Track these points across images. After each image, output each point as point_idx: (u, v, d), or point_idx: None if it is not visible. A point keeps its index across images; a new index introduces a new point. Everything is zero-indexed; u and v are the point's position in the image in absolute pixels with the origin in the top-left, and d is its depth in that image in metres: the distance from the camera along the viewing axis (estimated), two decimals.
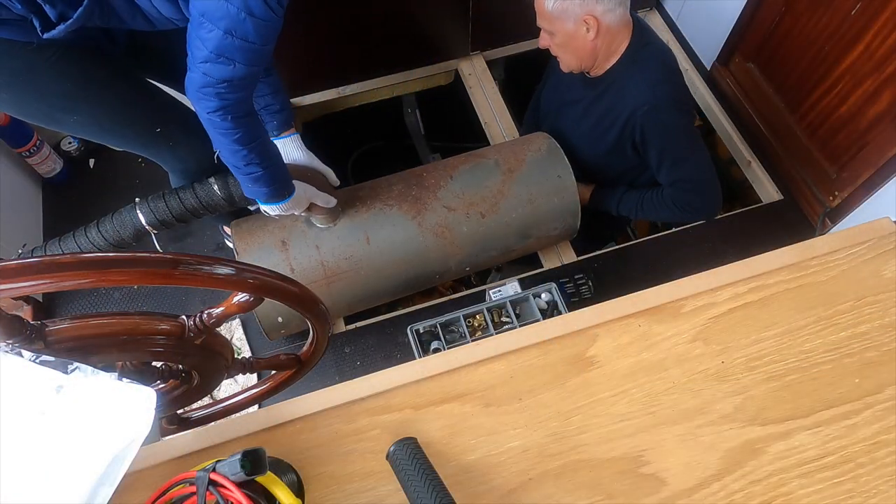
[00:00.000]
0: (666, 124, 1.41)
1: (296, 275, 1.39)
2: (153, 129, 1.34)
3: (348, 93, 2.11)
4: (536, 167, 1.51)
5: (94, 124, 1.29)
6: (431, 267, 1.48)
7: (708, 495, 0.72)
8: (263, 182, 1.20)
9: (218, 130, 1.09)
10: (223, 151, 1.15)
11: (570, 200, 1.53)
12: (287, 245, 1.39)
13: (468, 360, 0.79)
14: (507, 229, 1.49)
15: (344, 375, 1.63)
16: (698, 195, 1.51)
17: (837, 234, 0.89)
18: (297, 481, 0.70)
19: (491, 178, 1.48)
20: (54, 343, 0.53)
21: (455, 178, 1.47)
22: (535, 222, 1.52)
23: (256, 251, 1.38)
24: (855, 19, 1.51)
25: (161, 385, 0.72)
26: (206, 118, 1.07)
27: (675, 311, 0.83)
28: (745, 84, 2.00)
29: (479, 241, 1.48)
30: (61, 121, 1.27)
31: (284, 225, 1.42)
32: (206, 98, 1.04)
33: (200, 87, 1.03)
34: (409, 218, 1.42)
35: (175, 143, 1.38)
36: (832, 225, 1.79)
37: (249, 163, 1.15)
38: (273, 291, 0.60)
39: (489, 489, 0.72)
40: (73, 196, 2.03)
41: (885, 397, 0.77)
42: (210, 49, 0.97)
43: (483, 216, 1.45)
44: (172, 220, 1.30)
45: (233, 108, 1.06)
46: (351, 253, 1.41)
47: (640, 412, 0.76)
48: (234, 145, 1.11)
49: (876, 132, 1.56)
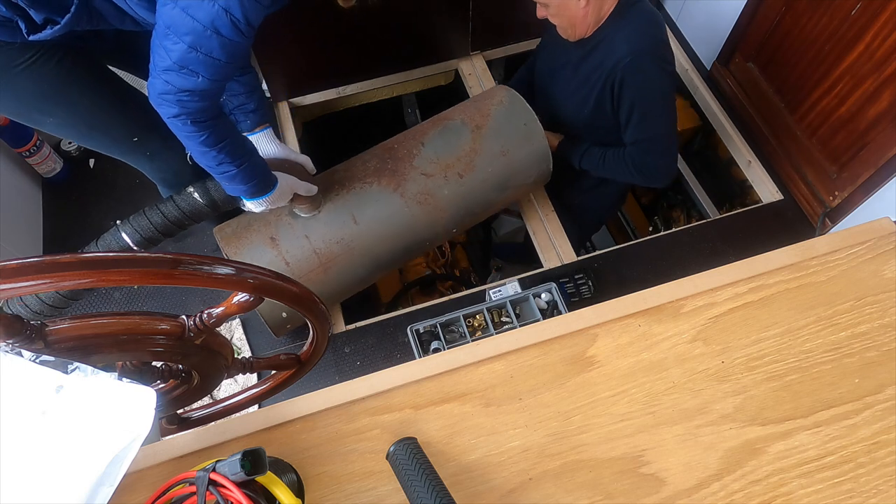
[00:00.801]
0: (644, 76, 1.43)
1: (291, 268, 1.37)
2: (130, 138, 1.34)
3: (348, 93, 2.11)
4: (503, 119, 1.53)
5: (71, 127, 1.29)
6: (421, 235, 1.49)
7: (708, 495, 0.72)
8: (241, 179, 1.18)
9: (182, 133, 1.07)
10: (193, 153, 1.13)
11: (540, 146, 1.55)
12: (276, 241, 1.38)
13: (468, 360, 0.79)
14: (485, 185, 1.51)
15: (344, 375, 1.63)
16: (655, 158, 1.54)
17: (837, 234, 0.89)
18: (297, 481, 0.70)
19: (461, 138, 1.49)
20: (54, 343, 0.53)
21: (426, 145, 1.48)
22: (511, 173, 1.54)
23: (247, 252, 1.36)
24: (855, 19, 1.51)
25: (161, 385, 0.72)
26: (168, 121, 1.06)
27: (675, 311, 0.83)
28: (745, 84, 2.00)
29: (462, 202, 1.50)
30: (39, 121, 1.26)
31: (268, 221, 1.41)
32: (166, 104, 1.02)
33: (160, 93, 1.01)
34: (391, 191, 1.43)
35: (152, 153, 1.37)
36: (832, 225, 1.79)
37: (221, 162, 1.13)
38: (273, 291, 0.60)
39: (489, 489, 0.72)
40: (73, 196, 2.03)
41: (885, 397, 0.77)
42: (174, 60, 0.96)
43: (461, 176, 1.47)
44: (159, 236, 1.28)
45: (194, 115, 1.04)
46: (341, 236, 1.41)
47: (640, 412, 0.77)
48: (202, 147, 1.09)
49: (876, 132, 1.56)
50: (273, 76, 1.98)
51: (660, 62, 1.43)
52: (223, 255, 1.37)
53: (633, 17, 1.43)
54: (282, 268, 1.35)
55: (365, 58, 2.05)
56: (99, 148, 1.39)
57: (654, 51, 1.42)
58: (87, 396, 0.55)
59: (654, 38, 1.43)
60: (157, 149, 1.37)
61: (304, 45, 1.86)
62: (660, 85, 1.46)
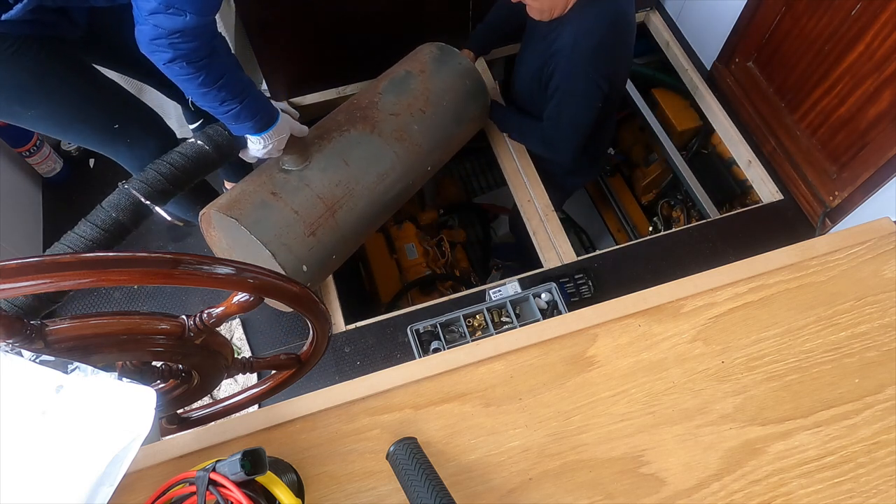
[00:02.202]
0: (573, 71, 1.49)
1: (301, 216, 1.37)
2: (111, 126, 1.32)
3: (348, 92, 2.11)
4: (439, 63, 1.69)
5: (50, 118, 1.27)
6: (408, 171, 1.58)
7: (708, 495, 0.72)
8: (246, 115, 1.18)
9: (179, 78, 1.06)
10: (193, 97, 1.12)
11: (476, 79, 1.72)
12: (278, 195, 1.38)
13: (468, 360, 0.79)
14: (445, 118, 1.65)
15: (344, 375, 1.63)
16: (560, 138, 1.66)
17: (837, 234, 0.89)
18: (297, 481, 0.70)
19: (412, 83, 1.63)
20: (54, 343, 0.53)
21: (384, 93, 1.60)
22: (461, 106, 1.69)
23: (253, 211, 1.34)
24: (855, 19, 1.51)
25: (161, 385, 0.72)
26: (163, 68, 1.05)
27: (675, 311, 0.83)
28: (745, 84, 2.00)
29: (431, 134, 1.62)
30: (20, 115, 1.25)
31: (262, 181, 1.40)
32: (159, 50, 1.01)
33: (151, 39, 1.00)
34: (369, 133, 1.51)
35: (132, 140, 1.36)
36: (832, 225, 1.79)
37: (223, 101, 1.13)
38: (273, 291, 0.60)
39: (489, 489, 0.72)
40: (73, 196, 2.03)
41: (885, 397, 0.77)
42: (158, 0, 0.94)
43: (423, 112, 1.60)
44: (168, 187, 1.23)
45: (188, 56, 1.03)
46: (338, 179, 1.44)
47: (640, 412, 0.77)
48: (201, 88, 1.08)
49: (876, 132, 1.56)
50: (273, 76, 1.98)
51: (591, 68, 1.48)
52: (230, 221, 1.32)
53: (594, 13, 1.46)
54: (291, 218, 1.35)
55: (365, 58, 2.05)
56: (79, 139, 1.38)
57: (592, 54, 1.47)
58: (87, 396, 0.55)
59: (597, 42, 1.46)
60: (137, 136, 1.36)
61: (304, 45, 1.86)
62: (583, 87, 1.52)
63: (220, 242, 1.46)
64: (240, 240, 1.34)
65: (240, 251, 1.41)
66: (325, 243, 1.42)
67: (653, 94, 2.35)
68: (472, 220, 2.56)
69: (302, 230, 1.36)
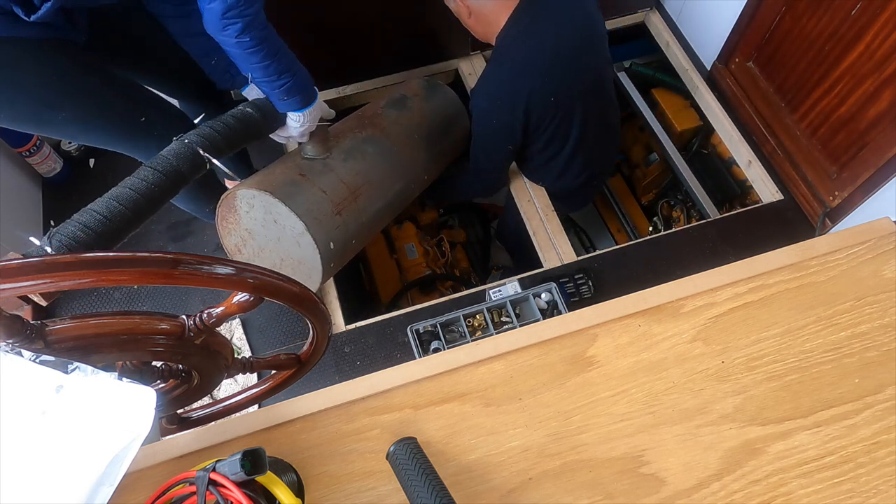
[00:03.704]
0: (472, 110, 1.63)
1: (328, 196, 1.43)
2: (138, 119, 1.33)
3: (348, 92, 2.11)
4: (430, 90, 1.88)
5: (80, 120, 1.28)
6: (413, 171, 1.71)
7: (708, 495, 0.72)
8: (297, 89, 1.27)
9: (248, 52, 1.14)
10: (256, 72, 1.20)
11: (458, 106, 1.90)
12: (306, 175, 1.45)
13: (468, 360, 0.79)
14: (439, 128, 1.83)
15: (344, 375, 1.63)
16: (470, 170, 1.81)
17: (837, 234, 0.89)
18: (297, 481, 0.70)
19: (408, 102, 1.80)
20: (54, 343, 0.53)
21: (385, 108, 1.75)
22: (448, 124, 1.87)
23: (285, 187, 1.38)
24: (855, 19, 1.51)
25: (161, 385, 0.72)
26: (235, 44, 1.12)
27: (675, 311, 0.83)
28: (745, 84, 2.00)
29: (427, 145, 1.78)
30: (49, 120, 1.25)
31: (288, 166, 1.47)
32: (231, 22, 1.09)
33: (223, 13, 1.07)
34: (379, 135, 1.64)
35: (159, 133, 1.35)
36: (832, 225, 1.79)
37: (281, 73, 1.21)
38: (273, 291, 0.60)
39: (489, 489, 0.72)
40: (73, 196, 2.03)
41: (885, 397, 0.77)
42: None
43: (420, 125, 1.77)
44: (223, 144, 1.25)
45: (254, 23, 1.11)
46: (357, 169, 1.52)
47: (640, 412, 0.77)
48: (265, 60, 1.17)
49: (876, 132, 1.56)
50: None
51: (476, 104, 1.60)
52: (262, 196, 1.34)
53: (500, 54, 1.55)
54: (320, 196, 1.42)
55: (365, 58, 2.05)
56: (106, 138, 1.37)
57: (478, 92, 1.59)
58: (87, 396, 0.55)
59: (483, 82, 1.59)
60: (164, 126, 1.36)
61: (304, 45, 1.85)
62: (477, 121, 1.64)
63: (237, 229, 1.46)
64: (267, 219, 1.38)
65: (262, 235, 1.43)
66: (349, 225, 1.48)
67: (653, 94, 2.35)
68: (472, 220, 2.56)
69: (330, 208, 1.42)
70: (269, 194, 1.32)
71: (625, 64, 2.39)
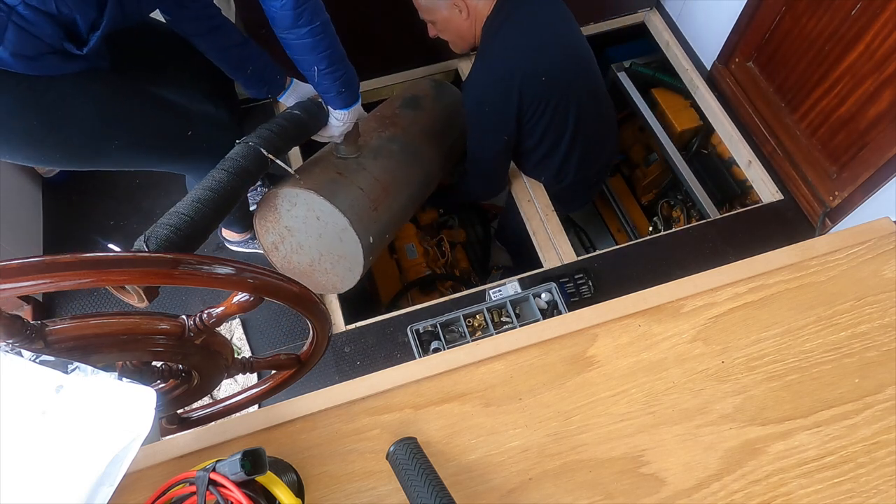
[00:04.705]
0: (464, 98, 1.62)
1: (365, 192, 1.49)
2: (186, 134, 1.34)
3: None
4: (437, 89, 1.95)
5: (133, 146, 1.28)
6: (431, 166, 1.77)
7: (708, 495, 0.72)
8: (351, 81, 1.32)
9: (318, 38, 1.18)
10: (323, 63, 1.24)
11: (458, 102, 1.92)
12: (343, 174, 1.49)
13: (468, 360, 0.79)
14: (449, 124, 1.89)
15: (344, 375, 1.63)
16: (469, 171, 1.80)
17: (837, 234, 0.89)
18: (297, 481, 0.70)
19: (421, 102, 1.86)
20: (54, 343, 0.53)
21: (400, 108, 1.82)
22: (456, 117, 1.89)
23: (327, 185, 1.43)
24: (855, 19, 1.51)
25: (161, 385, 0.72)
26: (308, 32, 1.16)
27: (675, 311, 0.83)
28: (745, 84, 2.00)
29: (444, 136, 1.85)
30: (105, 151, 1.26)
31: (324, 166, 1.53)
32: (304, 14, 1.13)
33: (295, 7, 1.11)
34: (400, 134, 1.70)
35: (207, 145, 1.36)
36: (832, 225, 1.79)
37: (341, 61, 1.27)
38: (273, 291, 0.60)
39: (489, 489, 0.72)
40: (73, 196, 2.03)
41: (885, 397, 0.77)
42: None
43: (432, 122, 1.84)
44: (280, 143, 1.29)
45: (320, 13, 1.17)
46: (386, 166, 1.59)
47: (640, 412, 0.77)
48: (327, 50, 1.21)
49: (876, 132, 1.56)
50: None
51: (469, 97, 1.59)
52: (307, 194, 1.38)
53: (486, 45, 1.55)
54: (358, 193, 1.47)
55: (365, 58, 2.04)
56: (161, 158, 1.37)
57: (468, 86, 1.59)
58: (87, 396, 0.55)
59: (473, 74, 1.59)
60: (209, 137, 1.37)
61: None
62: (471, 113, 1.62)
63: (275, 227, 1.49)
64: (309, 216, 1.42)
65: (302, 232, 1.47)
66: (384, 221, 1.52)
67: (653, 94, 2.35)
68: (472, 220, 2.56)
69: (368, 204, 1.47)
70: (314, 192, 1.37)
71: (625, 64, 2.39)
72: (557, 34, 1.58)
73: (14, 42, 0.97)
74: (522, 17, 1.52)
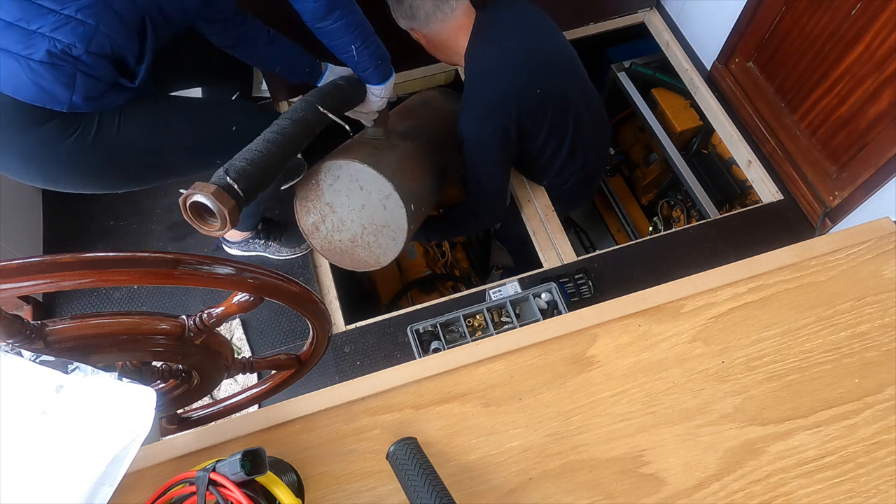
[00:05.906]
0: (461, 128, 1.57)
1: (401, 165, 1.53)
2: (230, 129, 1.37)
3: None
4: (444, 96, 1.98)
5: (182, 150, 1.32)
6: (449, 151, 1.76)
7: (708, 495, 0.72)
8: (385, 54, 1.37)
9: (350, 22, 1.25)
10: (358, 41, 1.29)
11: None
12: (379, 150, 1.53)
13: (468, 360, 0.79)
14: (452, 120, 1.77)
15: (344, 375, 1.63)
16: (474, 200, 1.74)
17: (837, 234, 0.89)
18: (297, 481, 0.70)
19: (434, 103, 1.91)
20: (54, 343, 0.53)
21: (416, 106, 1.88)
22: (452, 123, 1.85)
23: (368, 156, 1.45)
24: (855, 19, 1.51)
25: (161, 385, 0.72)
26: (339, 15, 1.22)
27: (675, 311, 0.83)
28: (745, 84, 2.00)
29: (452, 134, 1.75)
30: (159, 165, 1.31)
31: (359, 144, 1.54)
32: (339, 7, 1.20)
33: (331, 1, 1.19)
34: (420, 122, 1.78)
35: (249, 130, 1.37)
36: (832, 225, 1.79)
37: (372, 35, 1.32)
38: (273, 291, 0.60)
39: (489, 489, 0.72)
40: (74, 196, 2.02)
41: (885, 397, 0.77)
42: None
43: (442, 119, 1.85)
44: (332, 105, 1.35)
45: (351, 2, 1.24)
46: (415, 148, 1.64)
47: (640, 412, 0.77)
48: (358, 28, 1.27)
49: (876, 132, 1.56)
50: (273, 76, 1.98)
51: (468, 122, 1.55)
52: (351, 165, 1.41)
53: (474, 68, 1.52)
54: (396, 164, 1.51)
55: None
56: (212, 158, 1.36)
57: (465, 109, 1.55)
58: (87, 396, 0.55)
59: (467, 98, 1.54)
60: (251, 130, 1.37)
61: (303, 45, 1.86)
62: (470, 138, 1.56)
63: (317, 205, 1.51)
64: (352, 187, 1.45)
65: (344, 206, 1.49)
66: (419, 194, 1.55)
67: (653, 94, 2.35)
68: None
69: (407, 173, 1.51)
70: (357, 161, 1.41)
71: (625, 64, 2.39)
72: (541, 42, 1.57)
73: (83, 87, 1.08)
74: (503, 33, 1.51)
